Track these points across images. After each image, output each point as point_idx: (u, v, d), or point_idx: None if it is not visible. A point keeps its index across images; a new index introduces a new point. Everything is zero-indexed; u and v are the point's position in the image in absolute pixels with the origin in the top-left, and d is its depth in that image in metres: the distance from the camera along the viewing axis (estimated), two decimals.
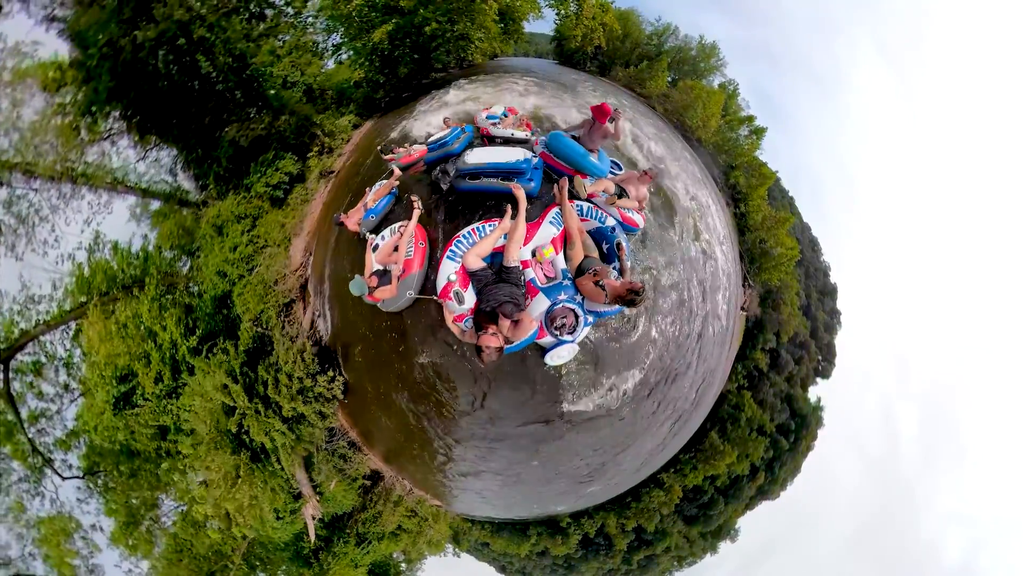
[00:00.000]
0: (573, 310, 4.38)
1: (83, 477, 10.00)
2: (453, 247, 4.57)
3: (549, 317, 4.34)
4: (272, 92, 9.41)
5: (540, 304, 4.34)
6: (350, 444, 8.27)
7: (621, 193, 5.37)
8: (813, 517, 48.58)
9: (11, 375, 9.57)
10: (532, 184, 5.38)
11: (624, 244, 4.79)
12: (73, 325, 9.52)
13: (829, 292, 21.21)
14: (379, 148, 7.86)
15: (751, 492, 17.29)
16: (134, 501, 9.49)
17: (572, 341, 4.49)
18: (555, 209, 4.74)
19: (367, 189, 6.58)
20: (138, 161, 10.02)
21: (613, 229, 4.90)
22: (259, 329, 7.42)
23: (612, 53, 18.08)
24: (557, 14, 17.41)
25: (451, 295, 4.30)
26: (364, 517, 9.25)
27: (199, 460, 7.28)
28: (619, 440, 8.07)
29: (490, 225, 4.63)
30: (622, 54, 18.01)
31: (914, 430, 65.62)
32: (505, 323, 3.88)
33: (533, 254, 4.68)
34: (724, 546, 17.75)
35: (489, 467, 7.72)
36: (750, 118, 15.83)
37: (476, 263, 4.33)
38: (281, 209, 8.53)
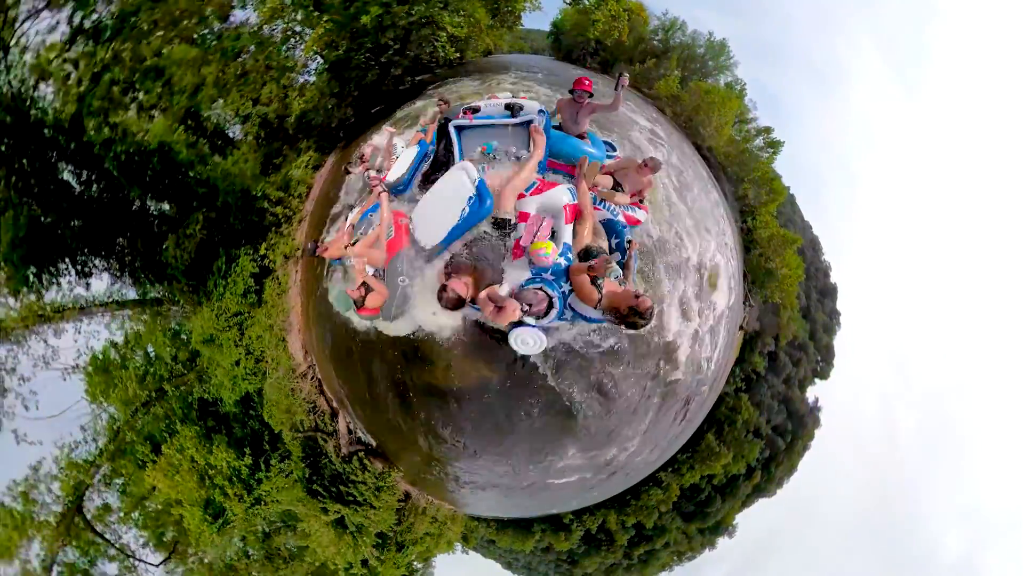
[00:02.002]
0: (549, 297, 3.50)
1: None
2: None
3: (520, 293, 3.52)
4: (192, 175, 8.60)
5: (517, 272, 3.58)
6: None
7: (616, 186, 4.77)
8: (814, 513, 49.59)
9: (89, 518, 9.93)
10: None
11: (635, 242, 4.19)
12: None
13: (829, 293, 21.29)
14: (344, 167, 7.31)
15: (747, 490, 17.96)
16: None
17: (535, 326, 3.63)
18: (570, 184, 4.02)
19: (344, 217, 5.97)
20: (88, 285, 9.56)
21: (624, 224, 4.40)
22: (300, 434, 8.26)
23: (615, 49, 17.23)
24: (570, 3, 15.92)
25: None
26: (400, 529, 10.22)
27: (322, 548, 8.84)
28: None
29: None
30: (625, 50, 17.15)
31: (914, 427, 66.67)
32: (482, 294, 3.30)
33: (546, 220, 3.87)
34: (725, 542, 18.57)
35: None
36: (767, 129, 15.08)
37: (512, 203, 3.65)
38: (261, 307, 8.22)
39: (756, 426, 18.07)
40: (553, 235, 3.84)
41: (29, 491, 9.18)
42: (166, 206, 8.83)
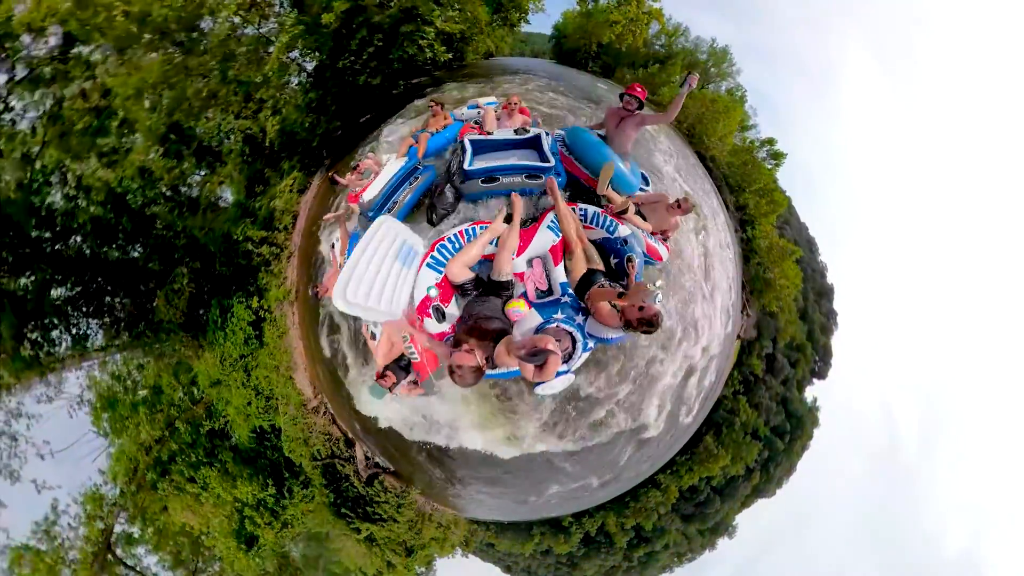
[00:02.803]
0: (571, 333, 3.61)
1: None
2: (435, 253, 3.82)
3: (543, 335, 3.56)
4: (162, 228, 8.38)
5: (530, 321, 3.66)
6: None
7: (638, 212, 4.49)
8: (816, 511, 50.17)
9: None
10: (561, 178, 4.42)
11: (637, 260, 4.06)
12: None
13: (826, 293, 21.59)
14: (331, 175, 7.22)
15: (747, 491, 18.06)
16: None
17: (567, 371, 3.75)
18: (551, 214, 4.01)
19: (331, 247, 5.61)
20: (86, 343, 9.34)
21: (625, 241, 4.16)
22: (319, 462, 8.53)
23: (617, 53, 17.35)
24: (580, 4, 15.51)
25: (429, 311, 3.58)
26: (410, 535, 10.40)
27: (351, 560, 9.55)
28: None
29: (479, 227, 3.90)
30: (628, 55, 17.31)
31: (914, 423, 67.24)
32: (500, 347, 3.24)
33: (529, 264, 3.95)
34: (726, 542, 18.63)
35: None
36: (771, 140, 15.29)
37: (464, 274, 3.64)
38: (264, 348, 8.23)
39: (754, 427, 18.21)
40: (549, 281, 3.92)
41: (52, 531, 9.10)
42: (151, 262, 8.64)
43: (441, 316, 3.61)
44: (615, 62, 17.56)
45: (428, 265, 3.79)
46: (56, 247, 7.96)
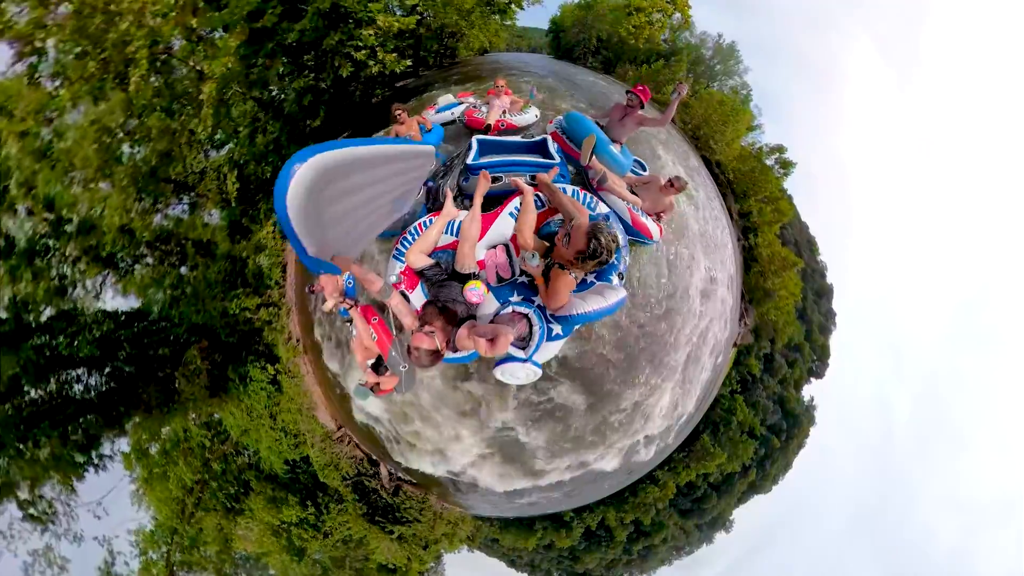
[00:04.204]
0: (526, 315, 3.53)
1: None
2: (399, 245, 3.98)
3: (496, 320, 3.54)
4: (161, 321, 8.58)
5: (487, 306, 3.60)
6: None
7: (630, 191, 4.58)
8: (811, 507, 50.94)
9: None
10: (566, 179, 4.42)
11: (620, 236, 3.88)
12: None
13: (825, 293, 21.60)
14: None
15: (743, 487, 18.64)
16: None
17: (525, 360, 3.67)
18: (517, 199, 3.95)
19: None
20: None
21: (606, 218, 3.99)
22: (348, 481, 9.56)
23: (618, 48, 16.53)
24: None
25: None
26: (429, 531, 11.40)
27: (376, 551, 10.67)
28: None
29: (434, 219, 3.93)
30: (630, 50, 16.47)
31: (908, 418, 66.99)
32: (462, 331, 3.20)
33: (492, 248, 3.89)
34: (723, 537, 19.35)
35: None
36: (780, 148, 14.72)
37: (421, 260, 3.72)
38: (283, 394, 8.88)
39: (751, 426, 18.58)
40: (512, 268, 3.78)
41: (111, 572, 9.86)
42: (160, 349, 8.94)
43: (406, 301, 3.60)
44: (616, 57, 16.78)
45: (394, 256, 3.86)
46: (68, 353, 8.15)
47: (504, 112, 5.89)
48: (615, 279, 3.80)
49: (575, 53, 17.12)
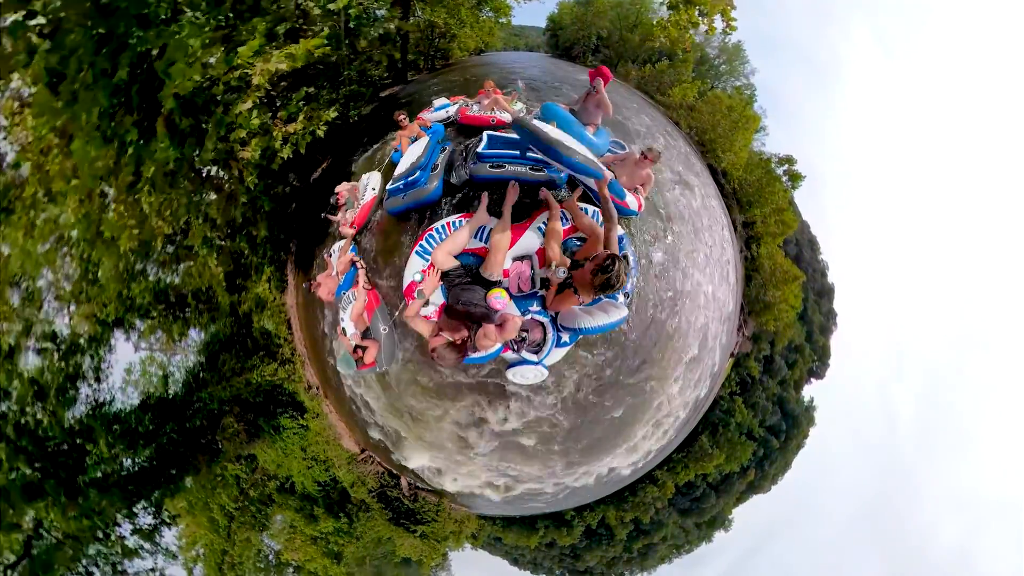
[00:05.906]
0: (541, 323, 3.93)
1: None
2: (424, 242, 4.08)
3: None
4: (186, 411, 9.08)
5: (508, 312, 3.92)
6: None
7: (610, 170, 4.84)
8: (812, 505, 51.01)
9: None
10: (563, 189, 4.77)
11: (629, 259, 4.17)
12: None
13: (826, 293, 21.49)
14: (324, 215, 7.36)
15: (741, 487, 18.87)
16: None
17: (537, 363, 4.09)
18: (544, 214, 4.13)
19: (327, 255, 6.30)
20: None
21: (620, 239, 4.26)
22: (373, 492, 10.46)
23: (620, 46, 15.96)
24: None
25: (415, 294, 3.87)
26: (442, 529, 12.15)
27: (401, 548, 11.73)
28: None
29: (464, 220, 4.10)
30: (632, 47, 15.93)
31: (911, 417, 67.34)
32: (488, 328, 3.39)
33: (524, 261, 4.12)
34: (722, 535, 19.63)
35: None
36: (789, 159, 14.43)
37: (449, 262, 3.83)
38: (310, 431, 9.66)
39: (749, 427, 18.71)
40: (533, 282, 4.12)
41: None
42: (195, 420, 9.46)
43: (425, 300, 3.87)
44: (617, 56, 16.28)
45: (417, 253, 4.03)
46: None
47: (493, 109, 6.49)
48: (620, 297, 4.14)
49: (574, 51, 16.60)
